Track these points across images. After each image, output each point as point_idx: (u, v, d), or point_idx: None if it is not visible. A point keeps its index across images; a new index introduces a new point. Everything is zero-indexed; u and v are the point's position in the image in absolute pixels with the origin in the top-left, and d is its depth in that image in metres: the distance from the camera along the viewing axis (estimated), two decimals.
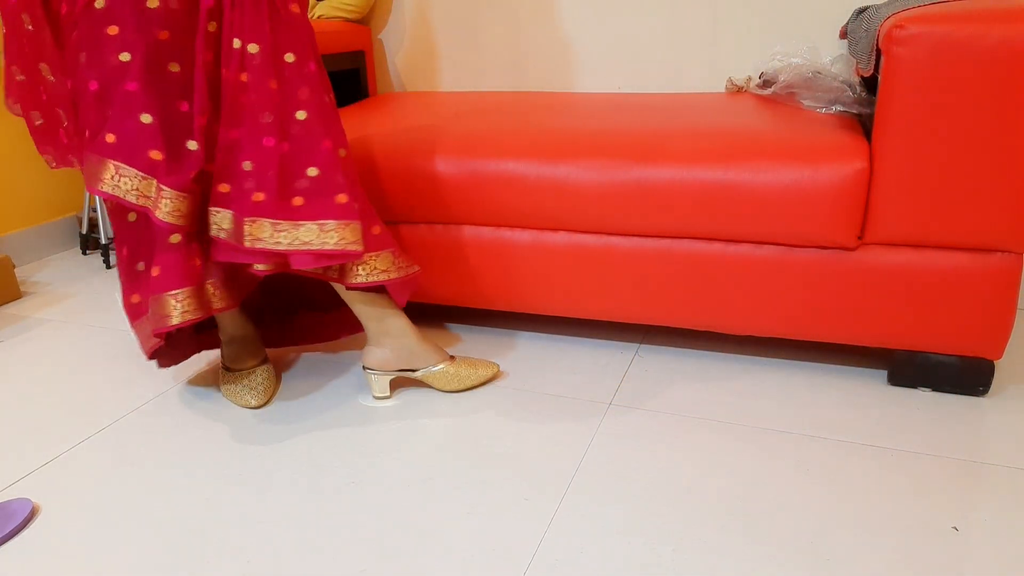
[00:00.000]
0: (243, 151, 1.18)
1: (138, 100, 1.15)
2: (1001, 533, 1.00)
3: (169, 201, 1.18)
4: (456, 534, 1.04)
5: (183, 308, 1.22)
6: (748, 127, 1.39)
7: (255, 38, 1.16)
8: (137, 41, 1.14)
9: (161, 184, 1.17)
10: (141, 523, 1.10)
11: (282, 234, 1.19)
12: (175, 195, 1.18)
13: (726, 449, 1.21)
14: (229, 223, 1.19)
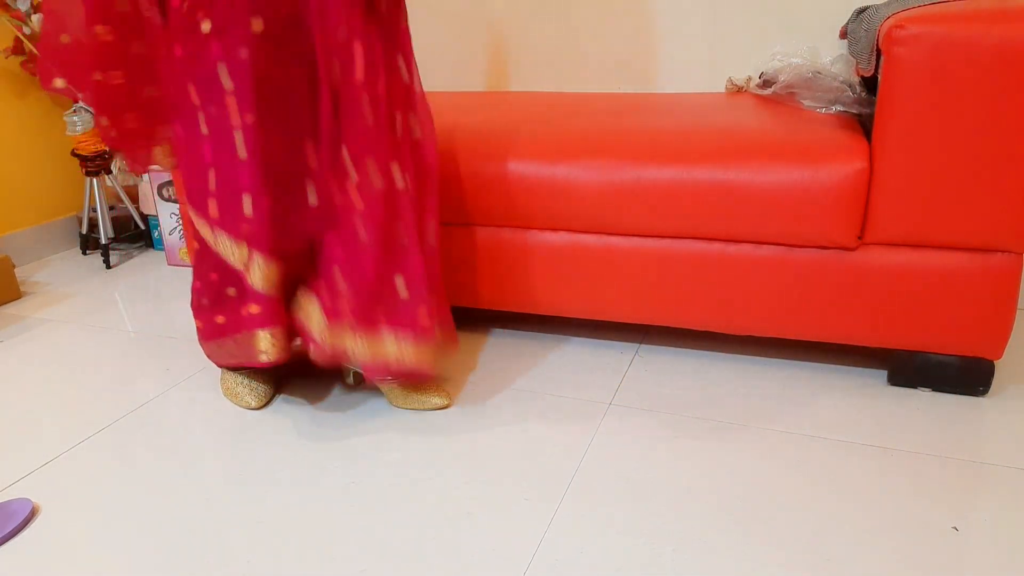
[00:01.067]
0: (336, 247, 1.18)
1: (244, 173, 1.13)
2: (1001, 533, 1.00)
3: (259, 268, 1.18)
4: (456, 534, 1.04)
5: (277, 347, 1.23)
6: (748, 127, 1.39)
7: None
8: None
9: (252, 249, 1.17)
10: (141, 523, 1.10)
11: (360, 343, 1.20)
12: (264, 262, 1.18)
13: (726, 449, 1.21)
14: (318, 316, 1.22)
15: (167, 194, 2.17)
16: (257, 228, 1.15)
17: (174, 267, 2.21)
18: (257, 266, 1.18)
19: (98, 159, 2.19)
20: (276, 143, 1.13)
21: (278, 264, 1.19)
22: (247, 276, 1.18)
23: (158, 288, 2.04)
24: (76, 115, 2.14)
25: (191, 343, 1.68)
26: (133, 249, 2.38)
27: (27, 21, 2.19)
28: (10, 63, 2.24)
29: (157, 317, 1.84)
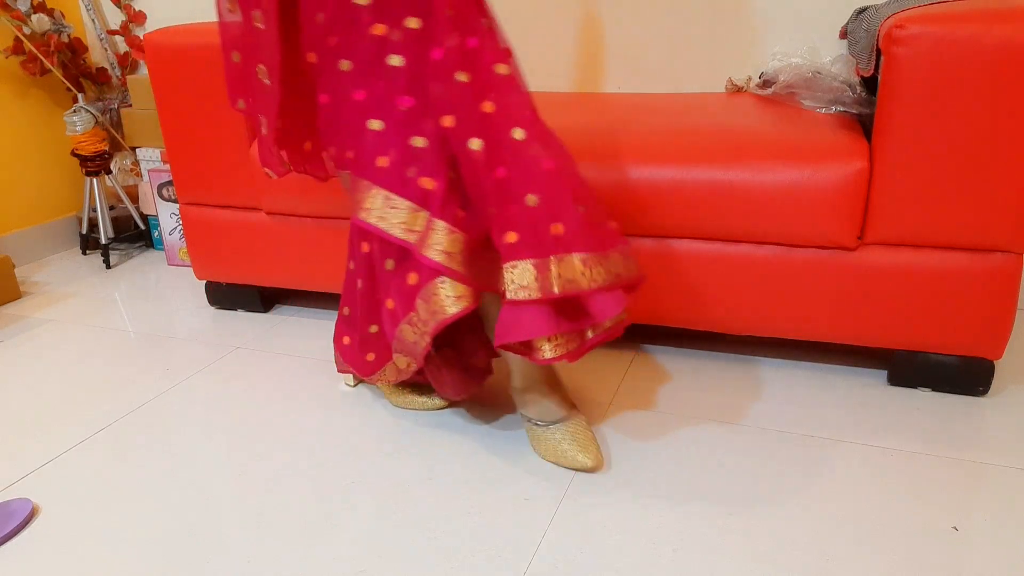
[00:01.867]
0: (521, 184, 1.03)
1: (413, 118, 1.02)
2: (1001, 533, 1.00)
3: (441, 236, 1.03)
4: (456, 534, 1.04)
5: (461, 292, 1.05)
6: (748, 127, 1.39)
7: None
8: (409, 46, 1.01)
9: (434, 217, 1.04)
10: (141, 523, 1.10)
11: (595, 269, 1.03)
12: (447, 230, 1.04)
13: (726, 449, 1.21)
14: (531, 273, 1.02)
15: (167, 194, 2.17)
16: (427, 169, 1.04)
17: (174, 267, 2.21)
18: (436, 234, 1.03)
19: (98, 159, 2.19)
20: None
21: (460, 232, 1.05)
22: (421, 248, 1.04)
23: (158, 288, 2.04)
24: (76, 115, 2.14)
25: (191, 343, 1.68)
26: (133, 249, 2.38)
27: (27, 21, 2.19)
28: (10, 63, 2.24)
29: (157, 317, 1.84)
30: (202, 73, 1.60)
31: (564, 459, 1.17)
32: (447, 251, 1.02)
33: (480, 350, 1.27)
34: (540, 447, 1.20)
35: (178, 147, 1.70)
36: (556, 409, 1.20)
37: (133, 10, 2.38)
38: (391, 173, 1.04)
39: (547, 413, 1.20)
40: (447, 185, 1.04)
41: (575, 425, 1.19)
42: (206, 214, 1.75)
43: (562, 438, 1.18)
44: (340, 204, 1.57)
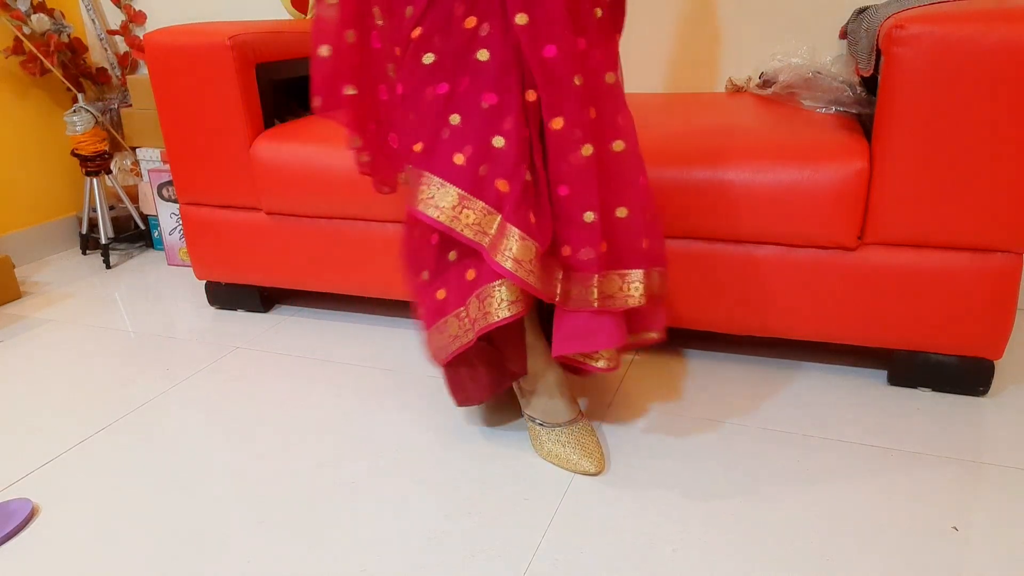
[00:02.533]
0: (616, 196, 1.05)
1: (494, 116, 0.98)
2: (1001, 533, 1.00)
3: (514, 243, 0.99)
4: (456, 534, 1.04)
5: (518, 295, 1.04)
6: (748, 127, 1.39)
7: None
8: (496, 37, 0.97)
9: (507, 222, 1.00)
10: (141, 523, 1.10)
11: (633, 285, 1.07)
12: (520, 236, 1.00)
13: (726, 449, 1.21)
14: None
15: (167, 194, 2.17)
16: (502, 171, 1.00)
17: (174, 267, 2.21)
18: (511, 241, 1.00)
19: (98, 159, 2.19)
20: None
21: (535, 242, 1.02)
22: (492, 254, 1.01)
23: (158, 288, 2.04)
24: (76, 115, 2.14)
25: (191, 343, 1.68)
26: (133, 249, 2.38)
27: (27, 21, 2.19)
28: (10, 63, 2.24)
29: (157, 317, 1.84)
30: (202, 73, 1.60)
31: (567, 463, 1.16)
32: (517, 258, 1.00)
33: (518, 352, 1.21)
34: (542, 448, 1.20)
35: (178, 147, 1.70)
36: (564, 411, 1.20)
37: (133, 10, 2.38)
38: (466, 171, 1.00)
39: (554, 415, 1.20)
40: (522, 189, 1.00)
41: (581, 430, 1.20)
42: (206, 214, 1.75)
43: (567, 441, 1.18)
44: (340, 204, 1.57)
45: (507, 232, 1.00)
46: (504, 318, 1.03)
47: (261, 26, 1.71)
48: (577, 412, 1.22)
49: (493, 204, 1.01)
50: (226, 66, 1.59)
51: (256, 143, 1.63)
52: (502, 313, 1.03)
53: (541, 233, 1.02)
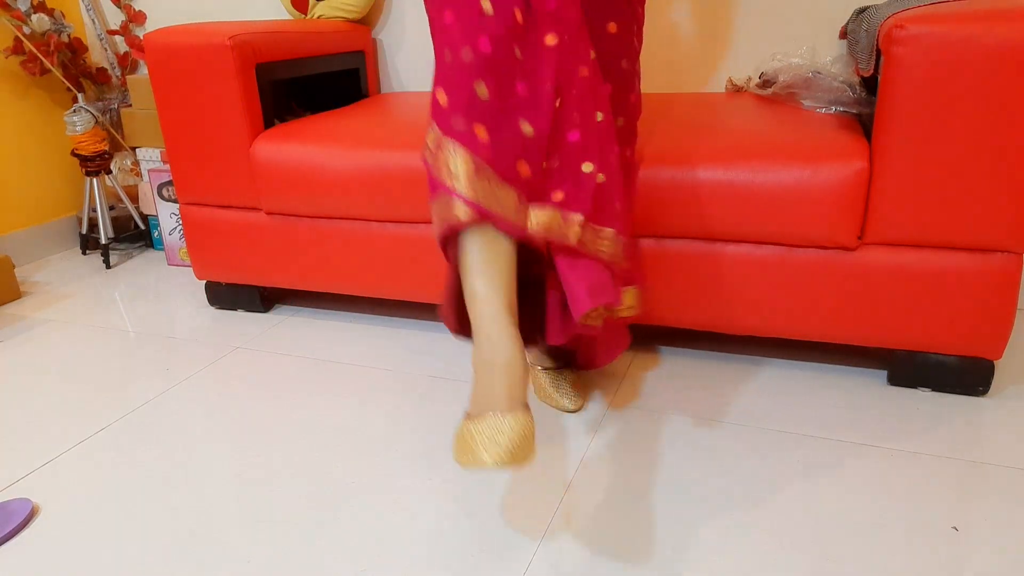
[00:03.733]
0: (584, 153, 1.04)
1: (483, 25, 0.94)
2: (1001, 533, 1.00)
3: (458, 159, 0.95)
4: (456, 534, 1.04)
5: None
6: (748, 127, 1.39)
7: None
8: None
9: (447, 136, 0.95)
10: (141, 523, 1.10)
11: (604, 242, 1.06)
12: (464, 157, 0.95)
13: (726, 449, 1.21)
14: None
15: (167, 194, 2.17)
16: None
17: (174, 267, 2.21)
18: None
19: (98, 159, 2.19)
20: None
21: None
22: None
23: (158, 288, 2.04)
24: (76, 115, 2.14)
25: (191, 343, 1.68)
26: (133, 249, 2.38)
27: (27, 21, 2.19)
28: (10, 63, 2.24)
29: (157, 317, 1.84)
30: (202, 73, 1.61)
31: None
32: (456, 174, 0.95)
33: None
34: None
35: (178, 147, 1.70)
36: (502, 400, 1.00)
37: (133, 10, 2.38)
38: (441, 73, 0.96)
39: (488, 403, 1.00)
40: (467, 100, 0.95)
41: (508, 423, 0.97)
42: (206, 214, 1.75)
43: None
44: (340, 204, 1.57)
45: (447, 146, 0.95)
46: (459, 222, 0.95)
47: (261, 26, 1.71)
48: (517, 407, 0.94)
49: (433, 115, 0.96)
50: (226, 66, 1.59)
51: (256, 143, 1.63)
52: (457, 212, 0.96)
53: (492, 151, 0.96)
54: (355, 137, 1.56)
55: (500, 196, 0.96)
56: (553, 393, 1.33)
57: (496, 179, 0.96)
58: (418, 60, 2.16)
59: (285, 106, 2.03)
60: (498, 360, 0.97)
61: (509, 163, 0.98)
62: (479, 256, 0.98)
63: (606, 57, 1.13)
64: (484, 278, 0.98)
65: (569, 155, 1.02)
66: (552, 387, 1.34)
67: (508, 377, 0.96)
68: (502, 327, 0.97)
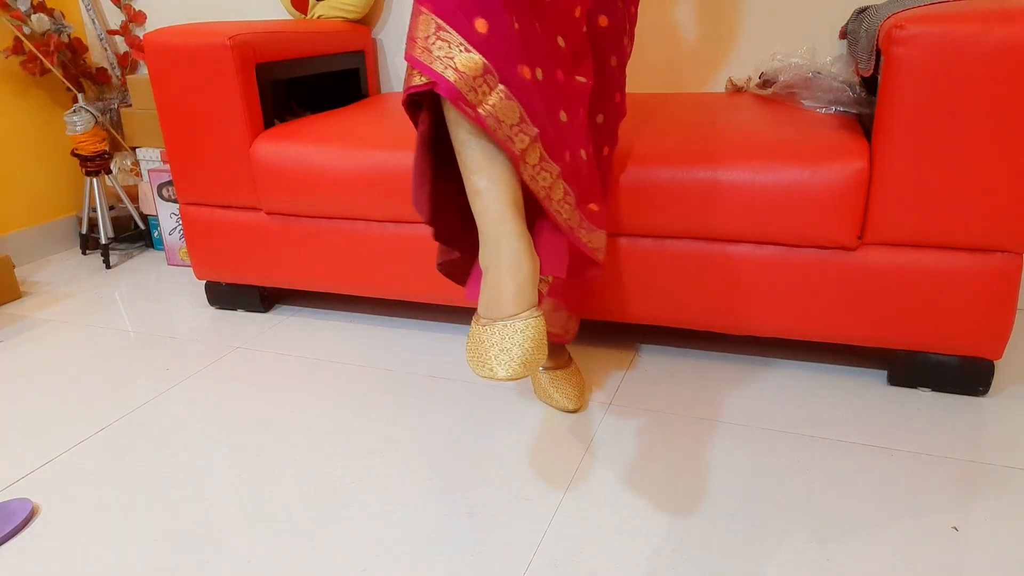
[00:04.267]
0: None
1: None
2: (1001, 533, 1.00)
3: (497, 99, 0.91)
4: (456, 534, 1.04)
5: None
6: (748, 127, 1.39)
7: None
8: None
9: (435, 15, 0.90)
10: (141, 523, 1.10)
11: (587, 234, 1.09)
12: (504, 94, 0.91)
13: (726, 449, 1.21)
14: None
15: (167, 194, 2.17)
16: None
17: (174, 267, 2.21)
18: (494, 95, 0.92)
19: (98, 159, 2.19)
20: None
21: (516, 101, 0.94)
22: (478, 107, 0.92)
23: (158, 288, 2.04)
24: (76, 115, 2.14)
25: (191, 343, 1.68)
26: (133, 249, 2.38)
27: (27, 21, 2.19)
28: (10, 63, 2.24)
29: (157, 317, 1.84)
30: (202, 73, 1.61)
31: (482, 367, 0.98)
32: (458, 68, 0.90)
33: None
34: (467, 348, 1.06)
35: (178, 147, 1.70)
36: (509, 304, 0.99)
37: (133, 10, 2.38)
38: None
39: (495, 308, 1.01)
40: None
41: (518, 328, 0.97)
42: (206, 214, 1.75)
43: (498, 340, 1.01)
44: (340, 204, 1.57)
45: (418, 13, 0.91)
46: (409, 87, 0.92)
47: (261, 26, 1.71)
48: (526, 308, 0.95)
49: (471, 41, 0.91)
50: (226, 66, 1.59)
51: (256, 143, 1.63)
52: (413, 81, 0.92)
53: (493, 46, 0.91)
54: (355, 137, 1.56)
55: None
56: (553, 393, 1.33)
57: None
58: None
59: (285, 106, 2.03)
60: (504, 260, 0.95)
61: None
62: (480, 153, 0.94)
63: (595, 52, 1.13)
64: (485, 174, 0.95)
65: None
66: (552, 387, 1.34)
67: (515, 277, 0.95)
68: (506, 225, 0.95)
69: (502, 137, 0.93)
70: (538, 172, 0.98)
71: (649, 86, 1.96)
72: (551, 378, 1.35)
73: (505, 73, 0.92)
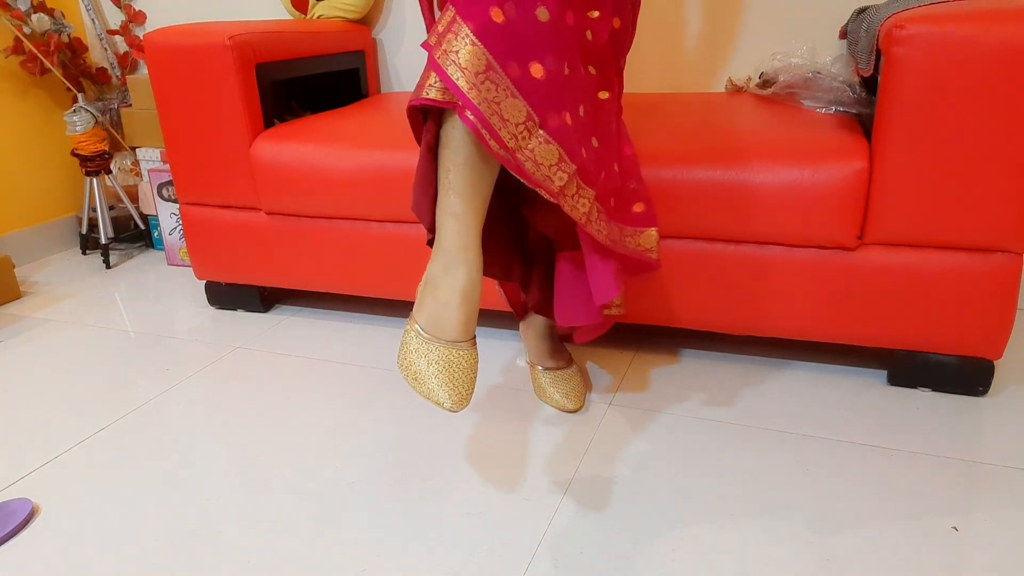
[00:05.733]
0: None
1: None
2: (1001, 533, 1.00)
3: (463, 45, 0.88)
4: (456, 534, 1.04)
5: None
6: (748, 127, 1.39)
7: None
8: None
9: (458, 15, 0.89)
10: (141, 523, 1.10)
11: (583, 202, 1.03)
12: (471, 41, 0.88)
13: (726, 449, 1.21)
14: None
15: (167, 194, 2.17)
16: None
17: (174, 267, 2.21)
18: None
19: (98, 159, 2.19)
20: None
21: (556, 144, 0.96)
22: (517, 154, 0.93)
23: (158, 288, 2.04)
24: (76, 115, 2.14)
25: (191, 343, 1.68)
26: (133, 249, 2.38)
27: (27, 21, 2.19)
28: (10, 63, 2.24)
29: (157, 317, 1.84)
30: (202, 73, 1.61)
31: (421, 388, 1.00)
32: (462, 65, 0.88)
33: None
34: (404, 359, 1.02)
35: (178, 147, 1.70)
36: (454, 328, 1.02)
37: (133, 10, 2.38)
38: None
39: (440, 328, 1.02)
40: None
41: (459, 356, 1.01)
42: (206, 214, 1.75)
43: (436, 361, 1.00)
44: (340, 204, 1.57)
45: (457, 29, 0.88)
46: (425, 99, 0.91)
47: (261, 26, 1.71)
48: (470, 337, 1.00)
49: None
50: (226, 66, 1.59)
51: (256, 143, 1.63)
52: (430, 93, 0.91)
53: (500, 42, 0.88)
54: (355, 137, 1.56)
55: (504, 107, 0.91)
56: (553, 393, 1.33)
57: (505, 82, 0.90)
58: (418, 60, 2.16)
59: (285, 106, 2.03)
60: (459, 285, 0.97)
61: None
62: (469, 180, 0.95)
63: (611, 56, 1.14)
64: (466, 200, 0.96)
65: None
66: (552, 387, 1.34)
67: (466, 304, 0.98)
68: (469, 252, 0.97)
69: (540, 178, 0.94)
70: (577, 200, 1.00)
71: (649, 86, 1.96)
72: (551, 378, 1.35)
73: (546, 119, 0.93)
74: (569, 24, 0.96)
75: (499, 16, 0.88)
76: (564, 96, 0.95)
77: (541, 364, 1.36)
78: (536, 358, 1.37)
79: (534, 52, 0.91)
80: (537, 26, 0.90)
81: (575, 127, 0.97)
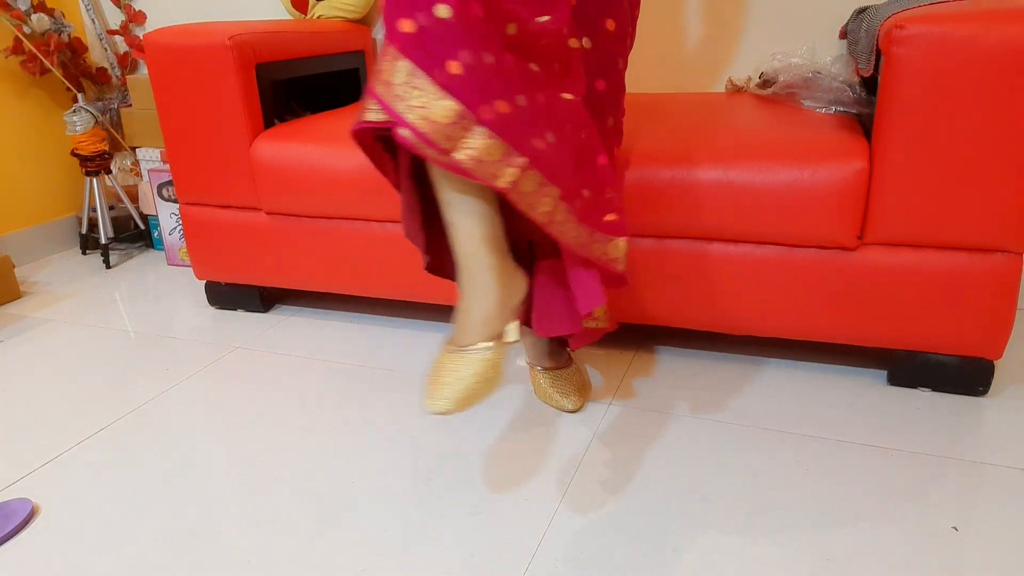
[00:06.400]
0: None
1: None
2: (1001, 533, 1.00)
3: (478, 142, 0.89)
4: (456, 534, 1.04)
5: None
6: (748, 127, 1.39)
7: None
8: None
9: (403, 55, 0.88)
10: (141, 523, 1.10)
11: (545, 200, 1.00)
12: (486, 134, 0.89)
13: (726, 449, 1.21)
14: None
15: (167, 194, 2.17)
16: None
17: (174, 267, 2.21)
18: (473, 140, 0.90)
19: (98, 159, 2.19)
20: None
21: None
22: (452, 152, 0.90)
23: (158, 288, 2.04)
24: (76, 115, 2.14)
25: (191, 343, 1.68)
26: (133, 249, 2.38)
27: (27, 21, 2.19)
28: (10, 63, 2.24)
29: (157, 317, 1.84)
30: (202, 73, 1.61)
31: (427, 390, 1.03)
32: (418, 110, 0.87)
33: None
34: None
35: (178, 147, 1.70)
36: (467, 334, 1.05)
37: (133, 10, 2.38)
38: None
39: (458, 336, 1.05)
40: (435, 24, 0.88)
41: (459, 361, 1.03)
42: (206, 214, 1.75)
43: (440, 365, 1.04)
44: (340, 204, 1.57)
45: (386, 51, 0.88)
46: (364, 122, 0.91)
47: (261, 26, 1.71)
48: (487, 338, 0.99)
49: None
50: (226, 66, 1.59)
51: (256, 143, 1.63)
52: (368, 116, 0.91)
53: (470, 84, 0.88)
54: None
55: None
56: (553, 393, 1.33)
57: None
58: None
59: (285, 106, 2.03)
60: (473, 289, 0.99)
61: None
62: (453, 190, 0.96)
63: (603, 55, 1.14)
64: (459, 208, 0.97)
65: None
66: (552, 387, 1.34)
67: (481, 307, 0.99)
68: (477, 257, 0.98)
69: (484, 175, 0.92)
70: (537, 199, 0.97)
71: (649, 86, 1.96)
72: (551, 378, 1.35)
73: (479, 112, 0.91)
74: (477, 15, 0.94)
75: (410, 26, 0.89)
76: (490, 86, 0.92)
77: (541, 364, 1.36)
78: (536, 358, 1.37)
79: (447, 51, 0.90)
80: (440, 24, 0.90)
81: (517, 118, 0.95)
